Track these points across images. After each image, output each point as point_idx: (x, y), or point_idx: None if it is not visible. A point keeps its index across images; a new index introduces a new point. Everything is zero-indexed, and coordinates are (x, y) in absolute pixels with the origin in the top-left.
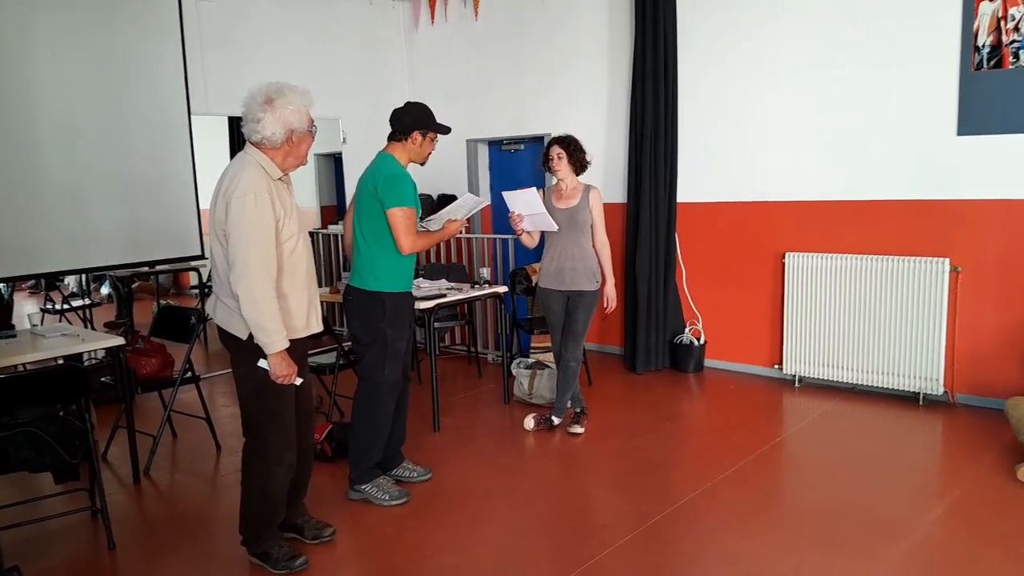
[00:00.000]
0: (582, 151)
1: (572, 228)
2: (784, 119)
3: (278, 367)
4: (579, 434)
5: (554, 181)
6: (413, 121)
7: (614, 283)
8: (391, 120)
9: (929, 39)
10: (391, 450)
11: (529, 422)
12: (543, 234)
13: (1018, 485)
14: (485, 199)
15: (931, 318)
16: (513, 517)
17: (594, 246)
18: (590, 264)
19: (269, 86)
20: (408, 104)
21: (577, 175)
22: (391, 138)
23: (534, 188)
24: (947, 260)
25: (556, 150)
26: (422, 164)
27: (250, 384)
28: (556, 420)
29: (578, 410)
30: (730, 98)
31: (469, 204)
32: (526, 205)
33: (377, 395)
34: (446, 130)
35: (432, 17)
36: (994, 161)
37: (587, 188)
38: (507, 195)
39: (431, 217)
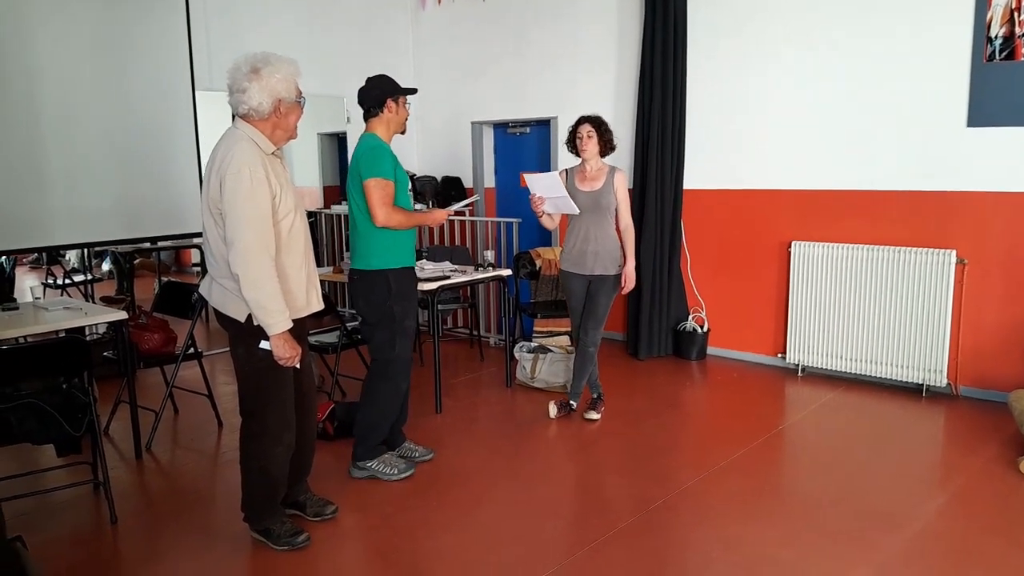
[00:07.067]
0: (610, 132)
1: (595, 212)
2: (794, 107)
3: (281, 349)
4: (595, 420)
5: (578, 162)
6: (382, 92)
7: (634, 265)
8: (360, 101)
9: (941, 29)
10: (395, 429)
11: (553, 409)
12: (569, 217)
13: (1020, 477)
14: (477, 196)
15: (936, 310)
16: (513, 499)
17: (618, 228)
18: (612, 248)
19: (255, 56)
20: (369, 80)
21: (602, 156)
22: (367, 116)
23: (556, 172)
24: (954, 252)
25: (587, 128)
26: (403, 132)
27: (248, 365)
28: (573, 404)
29: (595, 396)
30: (739, 85)
31: (465, 201)
32: (548, 188)
33: (390, 373)
34: (413, 91)
35: None
36: (1004, 153)
37: (612, 170)
38: (528, 177)
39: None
